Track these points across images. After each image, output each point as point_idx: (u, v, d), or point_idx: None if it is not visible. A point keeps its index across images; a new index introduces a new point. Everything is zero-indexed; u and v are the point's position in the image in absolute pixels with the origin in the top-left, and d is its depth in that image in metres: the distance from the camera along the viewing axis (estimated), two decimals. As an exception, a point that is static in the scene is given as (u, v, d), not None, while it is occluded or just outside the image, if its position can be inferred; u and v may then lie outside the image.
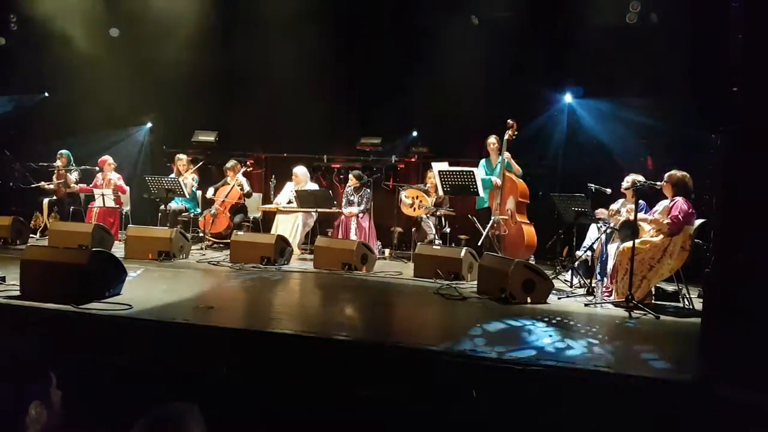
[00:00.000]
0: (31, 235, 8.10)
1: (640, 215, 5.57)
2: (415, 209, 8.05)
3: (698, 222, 5.49)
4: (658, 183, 5.56)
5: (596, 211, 6.30)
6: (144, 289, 5.02)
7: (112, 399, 3.40)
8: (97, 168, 8.79)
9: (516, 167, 7.41)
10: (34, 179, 8.99)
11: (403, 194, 8.15)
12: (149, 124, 10.38)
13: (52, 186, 8.87)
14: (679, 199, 5.41)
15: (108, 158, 8.82)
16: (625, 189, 6.15)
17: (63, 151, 8.94)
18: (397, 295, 5.90)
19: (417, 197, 8.05)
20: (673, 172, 5.56)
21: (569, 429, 3.25)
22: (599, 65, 7.95)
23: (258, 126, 9.82)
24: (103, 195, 8.44)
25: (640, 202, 5.89)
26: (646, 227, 5.67)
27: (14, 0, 9.84)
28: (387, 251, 8.45)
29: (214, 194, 8.56)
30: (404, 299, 5.78)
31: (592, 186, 6.53)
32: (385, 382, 3.55)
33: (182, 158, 8.96)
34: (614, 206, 6.30)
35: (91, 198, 8.79)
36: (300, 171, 8.44)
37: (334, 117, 9.33)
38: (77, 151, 9.17)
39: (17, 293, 4.52)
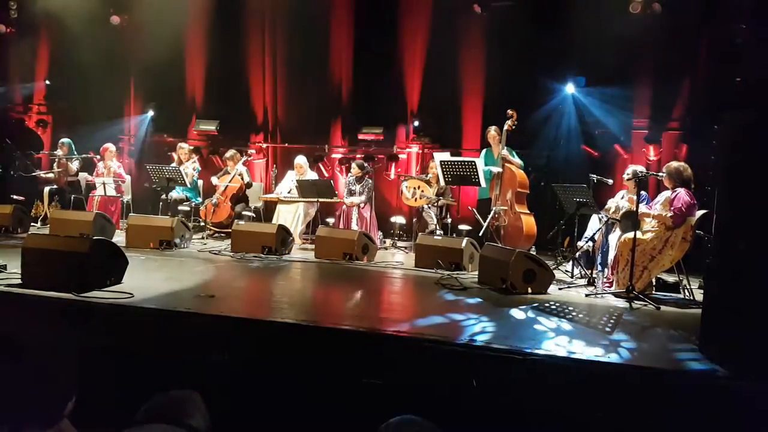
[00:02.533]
0: (32, 224, 8.10)
1: (644, 208, 5.56)
2: (416, 199, 8.04)
3: (700, 213, 5.48)
4: (660, 174, 5.55)
5: (605, 208, 6.30)
6: (145, 278, 5.03)
7: (112, 387, 3.40)
8: (98, 156, 8.77)
9: (516, 160, 7.39)
10: (35, 168, 8.98)
11: (404, 184, 8.14)
12: (151, 113, 10.37)
13: (52, 175, 8.86)
14: (681, 191, 5.40)
15: (110, 146, 8.78)
16: (627, 180, 6.14)
17: (64, 140, 8.94)
18: (398, 285, 5.91)
19: (418, 187, 8.05)
20: (670, 163, 5.55)
21: (570, 418, 3.26)
22: (601, 55, 7.91)
23: (259, 115, 9.80)
24: (104, 183, 8.43)
25: (642, 193, 5.89)
26: (648, 218, 5.66)
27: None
28: (388, 241, 8.46)
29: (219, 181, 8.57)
30: (405, 289, 5.78)
31: (594, 177, 6.52)
32: (386, 371, 3.56)
33: (183, 147, 8.94)
34: (615, 199, 6.28)
35: (92, 187, 8.78)
36: (301, 161, 8.44)
37: (336, 107, 9.30)
38: (78, 140, 9.16)
39: (18, 281, 4.53)
